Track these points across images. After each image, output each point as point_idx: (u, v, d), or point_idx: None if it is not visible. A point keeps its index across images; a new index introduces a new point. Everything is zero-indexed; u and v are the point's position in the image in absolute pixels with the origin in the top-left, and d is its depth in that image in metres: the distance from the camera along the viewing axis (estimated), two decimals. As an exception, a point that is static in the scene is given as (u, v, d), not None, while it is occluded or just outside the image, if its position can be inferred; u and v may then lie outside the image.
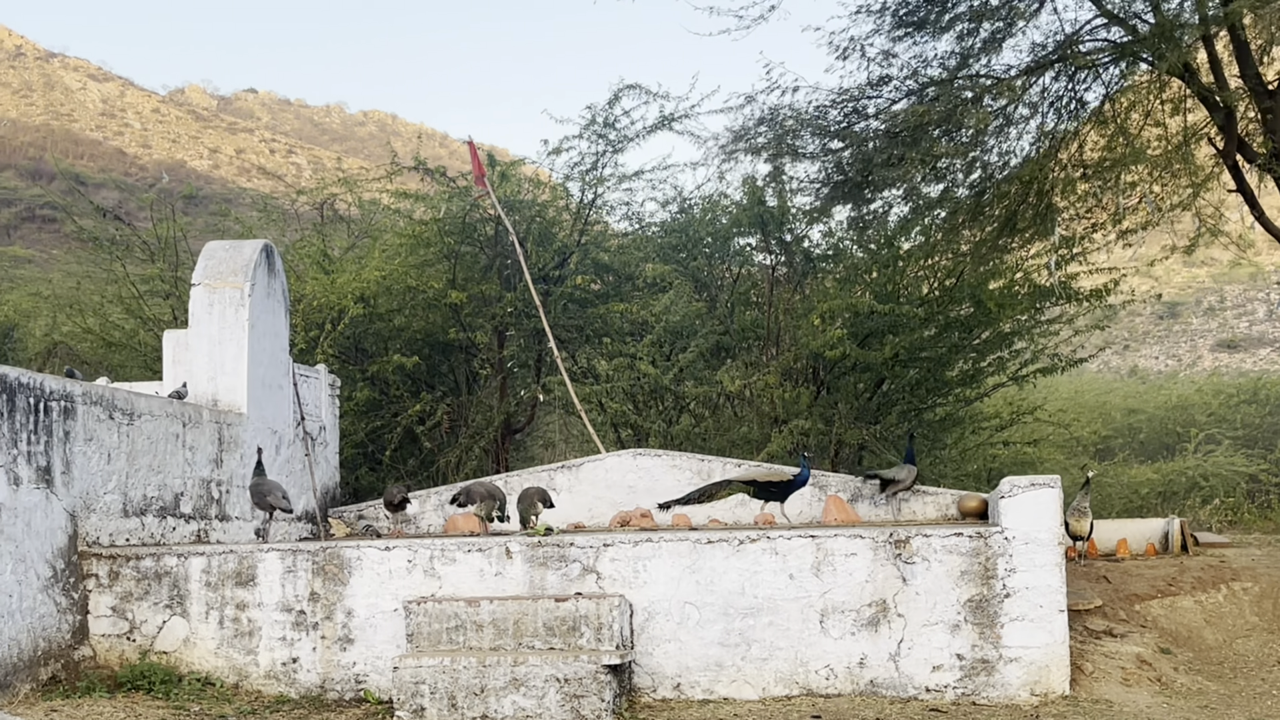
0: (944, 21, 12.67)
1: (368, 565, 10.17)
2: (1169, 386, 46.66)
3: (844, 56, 13.58)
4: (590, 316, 17.76)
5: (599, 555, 9.99)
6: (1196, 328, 77.18)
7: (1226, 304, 79.32)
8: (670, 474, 13.98)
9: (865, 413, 17.03)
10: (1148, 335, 75.13)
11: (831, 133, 13.75)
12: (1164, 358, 73.60)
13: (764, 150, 13.99)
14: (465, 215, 17.27)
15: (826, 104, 13.51)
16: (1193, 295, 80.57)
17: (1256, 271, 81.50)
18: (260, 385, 13.10)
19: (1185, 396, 42.32)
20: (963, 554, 9.66)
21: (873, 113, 13.61)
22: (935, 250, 16.06)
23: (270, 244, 13.51)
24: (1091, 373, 54.88)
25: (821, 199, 15.08)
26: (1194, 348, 74.75)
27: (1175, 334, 76.92)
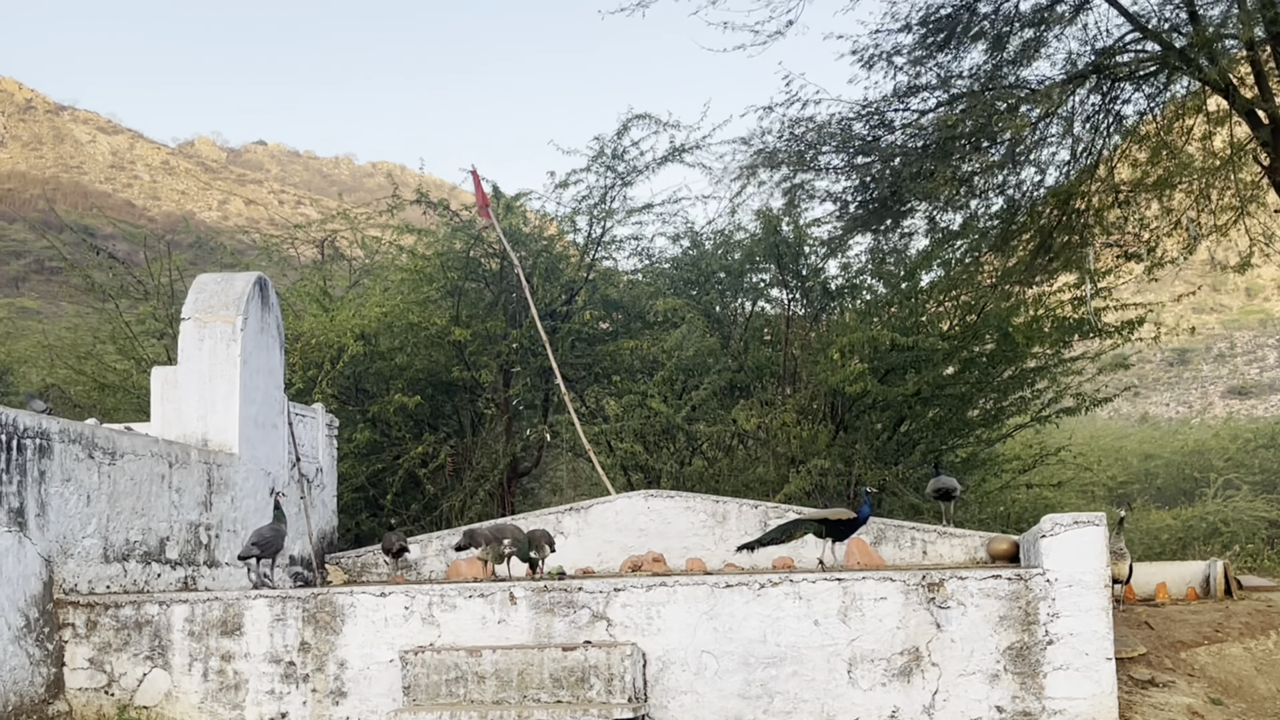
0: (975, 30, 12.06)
1: (362, 613, 9.50)
2: (1184, 432, 46.09)
3: (869, 66, 12.98)
4: (599, 354, 17.11)
5: (609, 600, 9.31)
6: (1207, 374, 76.80)
7: (1237, 350, 79.02)
8: (683, 516, 13.31)
9: (885, 453, 16.35)
10: (1158, 382, 74.70)
11: (856, 147, 13.11)
12: (1175, 404, 73.17)
13: (784, 164, 13.35)
14: (469, 250, 16.66)
15: (850, 116, 12.90)
16: (1203, 341, 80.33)
17: (1266, 318, 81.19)
18: (253, 424, 12.47)
19: (1202, 442, 41.78)
20: (1001, 598, 8.97)
21: (900, 125, 12.98)
22: (958, 283, 15.42)
23: (264, 277, 12.92)
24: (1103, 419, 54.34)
25: (842, 224, 14.44)
26: (1205, 394, 74.40)
27: (1186, 380, 76.55)
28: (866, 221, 14.41)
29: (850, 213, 14.32)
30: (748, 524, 13.17)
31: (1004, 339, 15.63)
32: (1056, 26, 12.22)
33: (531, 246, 17.11)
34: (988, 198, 13.96)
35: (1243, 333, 79.89)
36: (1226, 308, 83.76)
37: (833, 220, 15.03)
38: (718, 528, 13.26)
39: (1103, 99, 12.99)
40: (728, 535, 13.18)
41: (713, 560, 13.04)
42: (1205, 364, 77.29)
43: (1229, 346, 79.11)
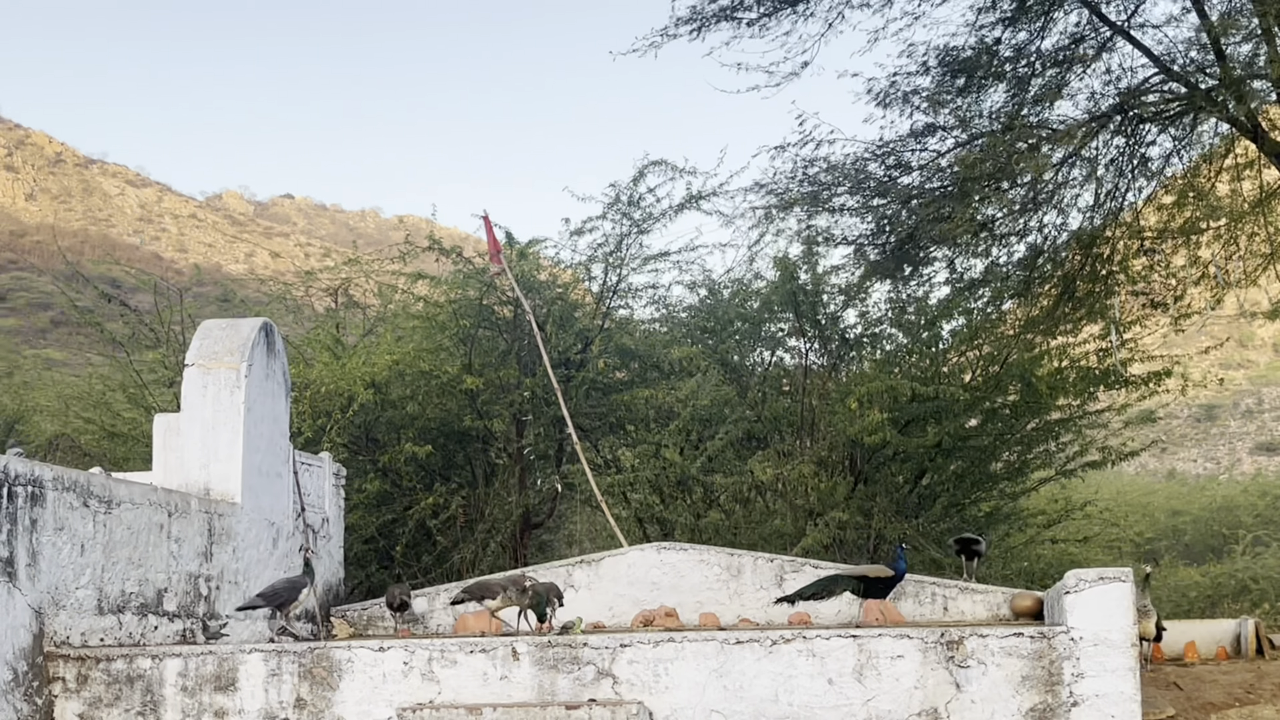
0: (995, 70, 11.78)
1: (360, 668, 9.17)
2: (1211, 488, 45.64)
3: (885, 105, 12.70)
4: (614, 404, 16.80)
5: (615, 657, 8.96)
6: (1235, 430, 76.38)
7: (1264, 406, 78.65)
8: (698, 570, 12.96)
9: (906, 506, 15.98)
10: (1185, 438, 74.27)
11: (871, 188, 12.82)
12: (1202, 460, 72.71)
13: (798, 204, 13.06)
14: (482, 297, 16.42)
15: (866, 156, 12.60)
16: (1230, 397, 79.99)
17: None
18: (256, 473, 12.20)
19: (1230, 498, 41.44)
20: (1024, 656, 8.59)
21: (917, 166, 12.69)
22: (980, 332, 15.09)
23: (269, 322, 12.69)
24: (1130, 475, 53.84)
25: (861, 268, 14.12)
26: (1232, 450, 74.00)
27: (1213, 437, 76.15)
28: (885, 268, 14.11)
29: (868, 258, 14.02)
30: (763, 578, 12.81)
31: (1027, 389, 15.29)
32: (1079, 66, 11.94)
33: (545, 294, 16.87)
34: (1008, 243, 13.64)
35: (1271, 389, 79.53)
36: (1254, 363, 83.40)
37: (850, 266, 14.74)
38: (732, 581, 12.90)
39: (1127, 141, 12.68)
40: (743, 589, 12.83)
41: (727, 615, 12.68)
42: (1233, 420, 76.87)
43: (1257, 402, 78.74)
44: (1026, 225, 13.23)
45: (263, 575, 12.16)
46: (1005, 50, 12.07)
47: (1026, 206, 12.75)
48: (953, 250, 13.71)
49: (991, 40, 12.09)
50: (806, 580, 12.72)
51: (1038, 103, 12.17)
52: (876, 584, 11.46)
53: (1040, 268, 13.51)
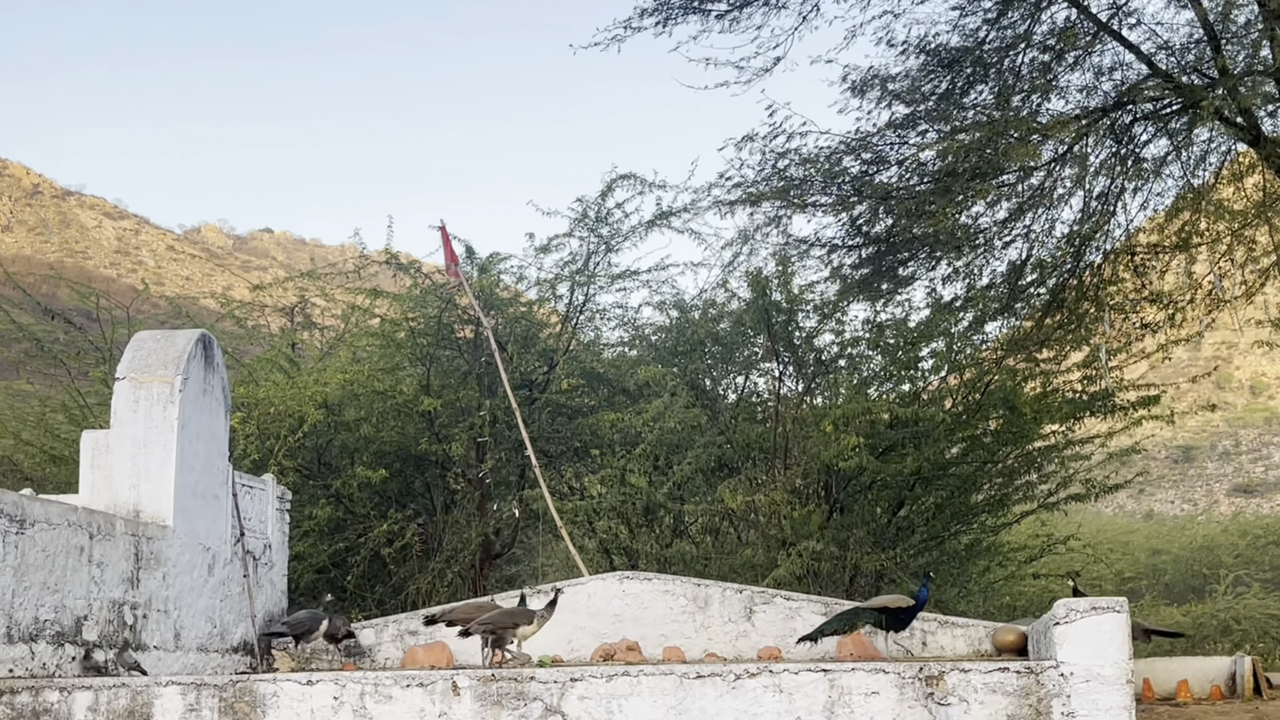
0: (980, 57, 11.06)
1: (285, 703, 8.39)
2: (1190, 528, 45.35)
3: (861, 93, 11.95)
4: (579, 428, 16.03)
5: (565, 692, 8.21)
6: (1212, 472, 76.42)
7: (1241, 448, 78.75)
8: (662, 600, 12.21)
9: (883, 538, 15.26)
10: (1163, 479, 74.30)
11: (847, 182, 12.08)
12: (1180, 502, 72.78)
13: (767, 199, 12.28)
14: (441, 314, 15.67)
15: (841, 150, 11.85)
16: (1207, 439, 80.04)
17: (1271, 415, 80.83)
18: (191, 494, 11.41)
19: (1210, 537, 41.13)
20: (1009, 694, 7.87)
21: (896, 161, 11.96)
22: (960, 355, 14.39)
23: (208, 334, 11.95)
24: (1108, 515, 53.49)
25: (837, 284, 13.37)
26: (1210, 492, 74.12)
27: (1190, 478, 76.26)
28: (862, 285, 13.39)
29: (843, 275, 13.29)
30: (732, 610, 12.08)
31: (1011, 414, 14.60)
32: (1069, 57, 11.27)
33: (508, 312, 16.14)
34: (993, 249, 12.93)
35: (1247, 430, 79.60)
36: (1231, 405, 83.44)
37: (825, 283, 14.04)
38: (699, 614, 12.15)
39: (1119, 142, 11.99)
40: (710, 622, 12.09)
41: (693, 649, 11.94)
42: (1210, 461, 76.91)
43: (1234, 444, 78.86)
44: (1012, 230, 12.54)
45: (196, 604, 11.39)
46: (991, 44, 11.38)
47: (1013, 211, 12.04)
48: (932, 256, 12.93)
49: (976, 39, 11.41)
50: (778, 613, 12.03)
51: (1026, 94, 11.47)
52: (897, 615, 10.93)
53: (1026, 281, 12.79)
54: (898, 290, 14.48)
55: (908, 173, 11.78)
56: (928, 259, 13.25)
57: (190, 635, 11.27)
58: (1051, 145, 11.42)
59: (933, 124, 11.66)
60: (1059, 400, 14.94)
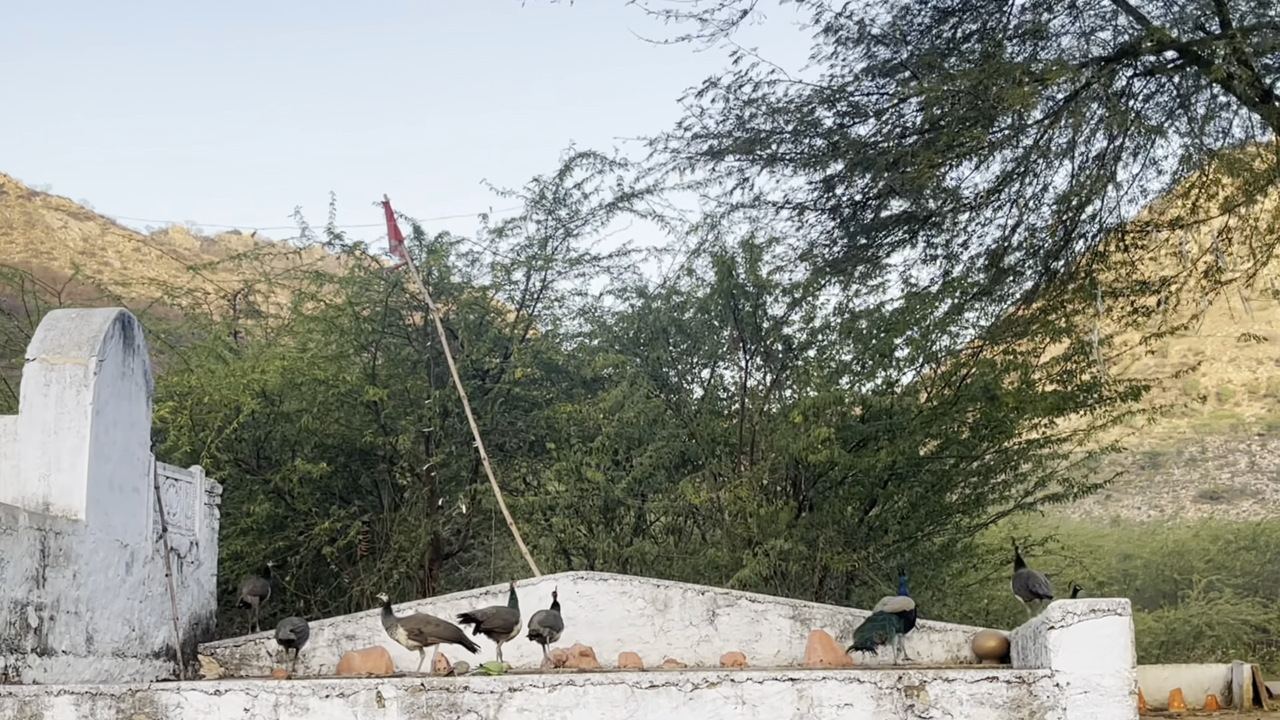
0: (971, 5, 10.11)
1: (190, 715, 7.52)
2: (1161, 533, 45.15)
3: (836, 34, 10.92)
4: (534, 420, 15.13)
5: (503, 704, 7.36)
6: (1178, 478, 76.62)
7: (1208, 455, 79.01)
8: (618, 603, 11.36)
9: (855, 538, 14.42)
10: (1130, 485, 74.29)
11: (820, 135, 11.14)
12: (1146, 508, 72.98)
13: (729, 153, 11.30)
14: (387, 298, 14.75)
15: (813, 100, 10.89)
16: (1174, 445, 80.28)
17: (1237, 422, 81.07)
18: (107, 486, 10.49)
19: (1181, 542, 40.90)
20: (998, 706, 7.06)
21: (875, 112, 11.00)
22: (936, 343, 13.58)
23: (128, 313, 11.03)
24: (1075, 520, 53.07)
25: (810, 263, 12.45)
26: (1176, 498, 74.43)
27: (1157, 484, 76.53)
28: (835, 267, 12.51)
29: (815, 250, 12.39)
30: (693, 613, 11.24)
31: (991, 404, 13.79)
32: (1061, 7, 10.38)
33: (460, 298, 15.23)
34: (978, 220, 12.03)
35: (1214, 437, 79.83)
36: (1197, 412, 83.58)
37: (793, 261, 13.16)
38: (658, 617, 11.30)
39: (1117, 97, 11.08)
40: (670, 626, 11.24)
41: (651, 655, 11.09)
42: (1176, 468, 77.07)
43: (1200, 451, 79.12)
44: (1000, 196, 11.65)
45: (112, 605, 10.46)
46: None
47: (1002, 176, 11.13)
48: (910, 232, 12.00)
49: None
50: (742, 616, 11.23)
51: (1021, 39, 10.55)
52: (909, 616, 10.32)
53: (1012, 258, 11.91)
54: (872, 273, 13.67)
55: (888, 125, 10.85)
56: (906, 235, 12.37)
57: (105, 639, 10.34)
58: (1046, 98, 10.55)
59: (917, 70, 10.65)
60: (1042, 390, 14.15)
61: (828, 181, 11.59)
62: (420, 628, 9.81)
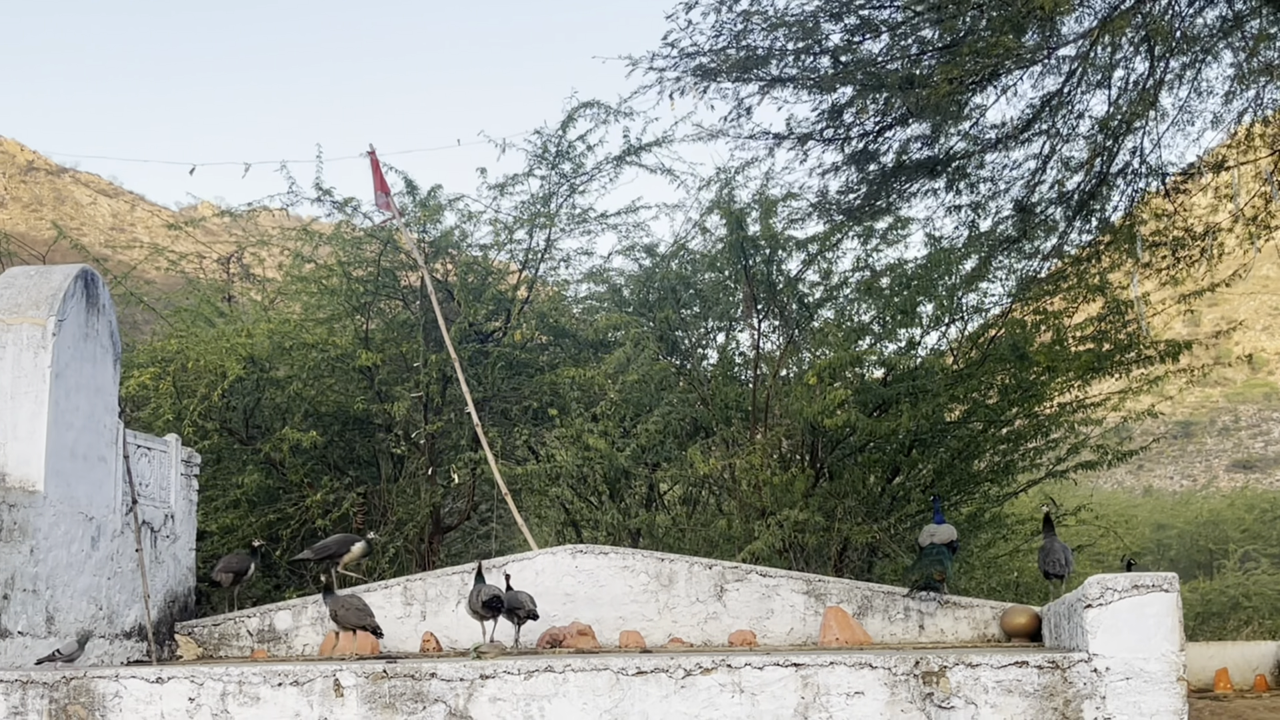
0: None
1: (130, 705, 6.79)
2: (1195, 502, 44.55)
3: None
4: (537, 385, 14.33)
5: (473, 693, 6.60)
6: (1211, 448, 75.76)
7: (1241, 424, 78.15)
8: (620, 578, 10.60)
9: (876, 508, 13.59)
10: (1162, 455, 73.47)
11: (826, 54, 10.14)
12: (1179, 477, 72.24)
13: (723, 75, 10.29)
14: (380, 258, 13.95)
15: (819, 12, 9.88)
16: (1206, 415, 79.41)
17: (1270, 391, 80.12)
18: (68, 455, 9.78)
19: (1216, 512, 40.34)
20: (1029, 694, 6.27)
21: (889, 25, 9.97)
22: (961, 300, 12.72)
23: (92, 270, 10.30)
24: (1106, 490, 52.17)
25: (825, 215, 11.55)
26: (1209, 468, 73.68)
27: (1190, 454, 75.66)
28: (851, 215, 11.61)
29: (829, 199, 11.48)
30: (700, 588, 10.47)
31: (1021, 364, 12.91)
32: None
33: (458, 257, 14.43)
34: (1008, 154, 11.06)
35: (1247, 406, 78.88)
36: (1230, 380, 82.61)
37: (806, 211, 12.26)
38: (662, 593, 10.54)
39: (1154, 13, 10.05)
40: (675, 602, 10.47)
41: (655, 633, 10.34)
42: (1209, 437, 76.17)
43: (1233, 420, 78.22)
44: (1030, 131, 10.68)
45: (76, 582, 9.76)
46: None
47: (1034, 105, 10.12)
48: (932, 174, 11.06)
49: None
50: (753, 592, 10.45)
51: None
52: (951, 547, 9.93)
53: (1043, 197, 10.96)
54: (894, 228, 12.81)
55: (903, 39, 9.82)
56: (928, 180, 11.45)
57: (68, 619, 9.63)
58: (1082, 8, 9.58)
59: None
60: (1075, 350, 13.27)
61: (835, 109, 10.61)
62: (335, 611, 9.37)
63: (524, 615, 9.57)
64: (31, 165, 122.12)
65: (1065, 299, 13.96)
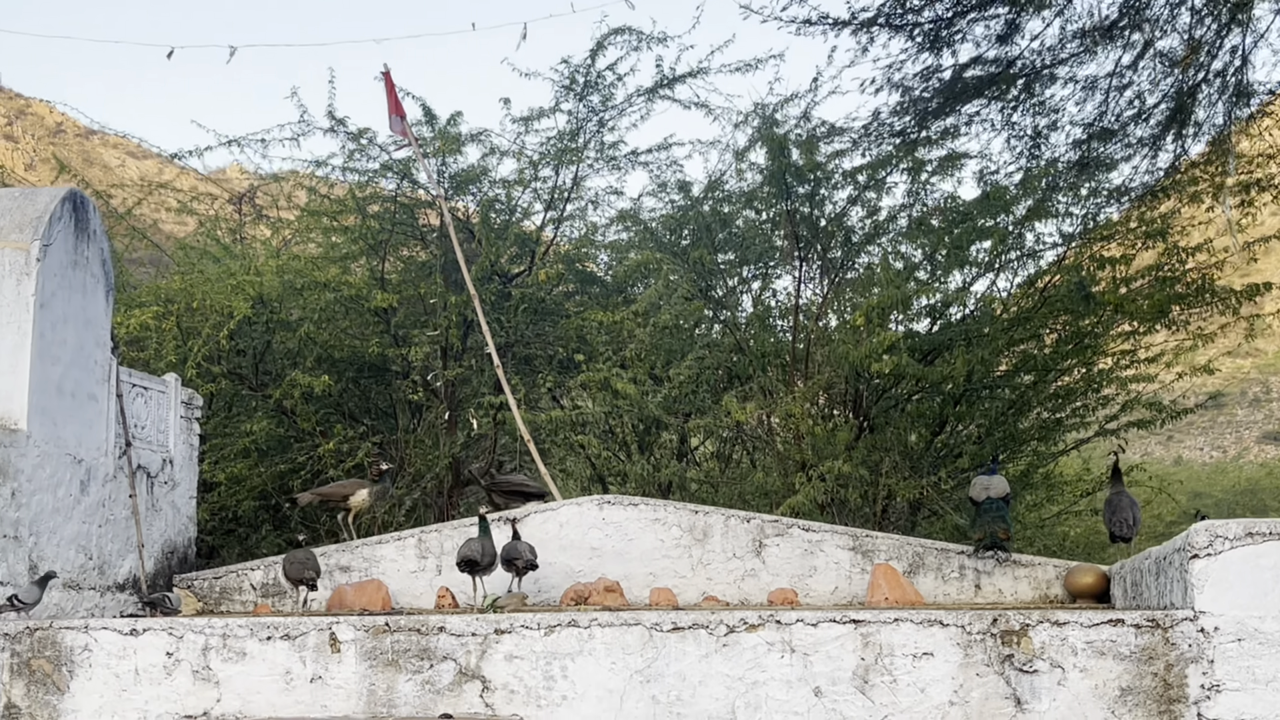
0: None
1: (101, 660, 6.04)
2: (1233, 470, 43.87)
3: None
4: (563, 330, 13.51)
5: (486, 649, 5.83)
6: (1242, 419, 74.84)
7: (1272, 395, 77.11)
8: (650, 531, 9.81)
9: (921, 462, 12.73)
10: (1191, 426, 72.47)
11: None
12: (1209, 448, 71.24)
13: None
14: (397, 191, 13.14)
15: None
16: (1238, 386, 78.38)
17: (1304, 362, 79.08)
18: (55, 392, 9.03)
19: (1254, 480, 39.56)
20: (1124, 657, 5.45)
21: None
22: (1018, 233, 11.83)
23: (81, 193, 9.55)
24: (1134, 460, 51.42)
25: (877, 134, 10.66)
26: (1239, 439, 72.67)
27: (1220, 425, 74.66)
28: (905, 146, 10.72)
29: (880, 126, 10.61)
30: (737, 543, 9.68)
31: (1085, 304, 12.01)
32: None
33: (480, 194, 13.61)
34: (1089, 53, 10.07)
35: (1278, 378, 77.78)
36: (1262, 352, 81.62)
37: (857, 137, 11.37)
38: (696, 547, 9.74)
39: None
40: (709, 558, 9.68)
41: (688, 591, 9.56)
42: (1240, 408, 75.16)
43: (1264, 390, 77.21)
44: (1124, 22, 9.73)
45: (64, 529, 9.01)
46: None
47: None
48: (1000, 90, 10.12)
49: None
50: (794, 548, 9.66)
51: None
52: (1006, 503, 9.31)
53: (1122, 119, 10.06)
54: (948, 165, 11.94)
55: None
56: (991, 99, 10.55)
57: (54, 568, 8.88)
58: None
59: None
60: (1148, 291, 12.37)
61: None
62: (284, 564, 9.21)
63: (523, 566, 8.92)
64: (60, 127, 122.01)
65: (1123, 244, 13.08)
